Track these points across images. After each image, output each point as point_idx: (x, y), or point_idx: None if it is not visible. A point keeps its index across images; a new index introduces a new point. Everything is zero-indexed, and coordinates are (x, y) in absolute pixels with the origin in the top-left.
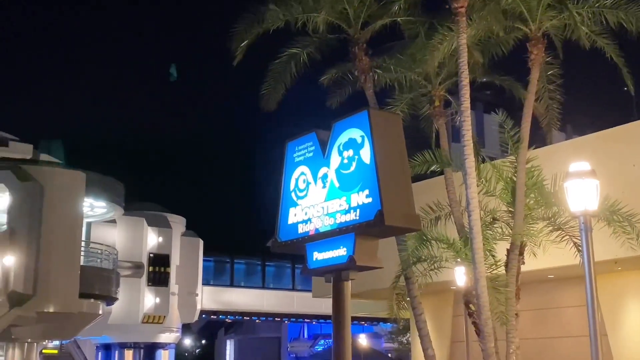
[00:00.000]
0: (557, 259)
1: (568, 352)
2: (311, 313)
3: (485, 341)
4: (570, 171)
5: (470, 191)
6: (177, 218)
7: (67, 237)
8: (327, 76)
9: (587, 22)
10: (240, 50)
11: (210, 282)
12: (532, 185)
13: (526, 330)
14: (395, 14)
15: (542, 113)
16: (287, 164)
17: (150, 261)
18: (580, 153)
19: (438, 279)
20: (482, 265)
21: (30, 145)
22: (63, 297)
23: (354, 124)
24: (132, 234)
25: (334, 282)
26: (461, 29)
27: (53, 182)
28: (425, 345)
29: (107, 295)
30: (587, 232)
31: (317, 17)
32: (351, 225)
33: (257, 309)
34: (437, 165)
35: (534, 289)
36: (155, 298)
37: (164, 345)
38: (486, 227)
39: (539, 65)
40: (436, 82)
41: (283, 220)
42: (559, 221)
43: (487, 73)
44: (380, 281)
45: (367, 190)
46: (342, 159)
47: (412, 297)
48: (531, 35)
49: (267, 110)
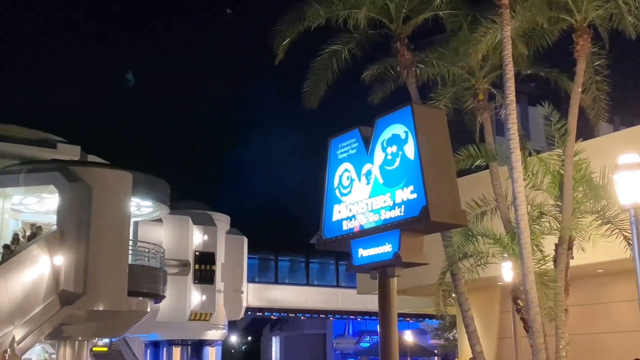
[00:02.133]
0: (606, 253)
1: (618, 348)
2: (356, 310)
3: (534, 337)
4: (620, 163)
5: (517, 185)
6: (222, 216)
7: (115, 236)
8: (368, 72)
9: (634, 11)
10: (282, 49)
11: (255, 280)
12: (580, 179)
13: (576, 326)
14: (437, 7)
15: (589, 105)
16: (330, 161)
17: (196, 259)
18: (629, 145)
19: (485, 275)
20: (530, 260)
21: (77, 147)
22: (112, 296)
23: (397, 120)
24: (178, 232)
25: (380, 279)
26: (505, 21)
27: (101, 182)
28: (473, 341)
29: (155, 293)
30: (638, 225)
31: (358, 13)
32: (396, 221)
33: (302, 305)
34: (482, 159)
35: (583, 284)
36: (201, 295)
37: (210, 342)
38: (533, 222)
39: (585, 56)
40: (480, 76)
41: (327, 217)
42: (608, 214)
43: (532, 65)
44: (426, 277)
45: (412, 186)
46: (385, 155)
47: (458, 294)
48: (576, 26)
49: (310, 107)
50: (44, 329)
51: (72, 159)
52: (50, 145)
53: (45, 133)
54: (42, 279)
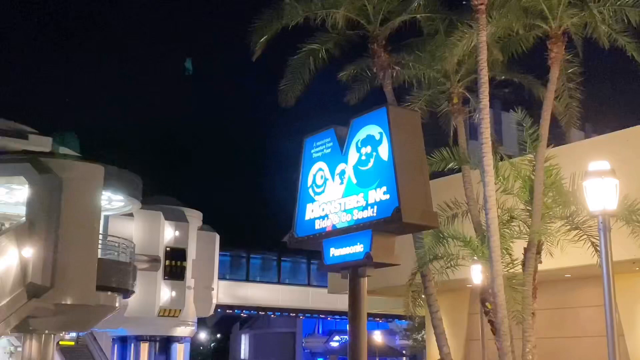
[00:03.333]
0: (574, 258)
1: (584, 353)
2: (326, 309)
3: (501, 340)
4: (590, 170)
5: (488, 189)
6: (194, 212)
7: (85, 230)
8: (345, 72)
9: (608, 20)
10: (260, 46)
11: (226, 277)
12: (550, 184)
13: (542, 330)
14: (415, 10)
15: (561, 111)
16: (304, 160)
17: (167, 255)
18: (599, 152)
19: (454, 277)
20: (499, 263)
21: (49, 138)
22: (80, 290)
23: (372, 121)
24: (149, 227)
25: (351, 279)
26: (481, 26)
27: (72, 175)
28: (441, 343)
29: (124, 288)
30: (606, 231)
31: (336, 13)
32: (368, 221)
33: (273, 304)
34: (455, 162)
35: (550, 288)
36: (171, 292)
37: (179, 339)
38: (503, 226)
39: (559, 64)
40: (455, 80)
41: (300, 216)
42: (577, 220)
43: (506, 71)
44: (397, 278)
45: (385, 187)
46: (360, 156)
47: (428, 295)
48: (551, 33)
49: (286, 105)
50: (10, 321)
51: (43, 151)
52: (21, 136)
53: (17, 124)
54: (9, 271)
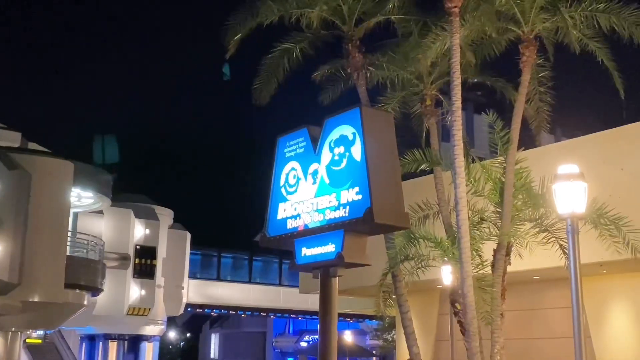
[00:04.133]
0: (543, 260)
1: (552, 353)
2: (297, 309)
3: (470, 340)
4: (559, 173)
5: (459, 191)
6: (165, 210)
7: (54, 226)
8: (319, 72)
9: (580, 25)
10: (234, 44)
11: (196, 276)
12: (520, 187)
13: (511, 331)
14: (390, 11)
15: (532, 115)
16: (277, 159)
17: (137, 253)
18: (569, 155)
19: (425, 278)
20: (469, 264)
21: (18, 134)
22: (48, 287)
23: (345, 121)
24: (119, 225)
25: (322, 278)
26: (454, 29)
27: (41, 171)
28: (411, 343)
29: (92, 286)
30: (574, 234)
31: (311, 13)
32: (340, 222)
33: (243, 303)
34: (427, 164)
35: (519, 290)
36: (140, 290)
37: (148, 338)
38: (474, 227)
39: (531, 68)
40: (428, 81)
41: (272, 215)
42: (546, 223)
43: (478, 74)
44: (368, 278)
45: (357, 187)
46: (333, 156)
47: (398, 295)
48: (523, 37)
49: (259, 104)
50: None
51: (12, 146)
52: None
53: None
54: None
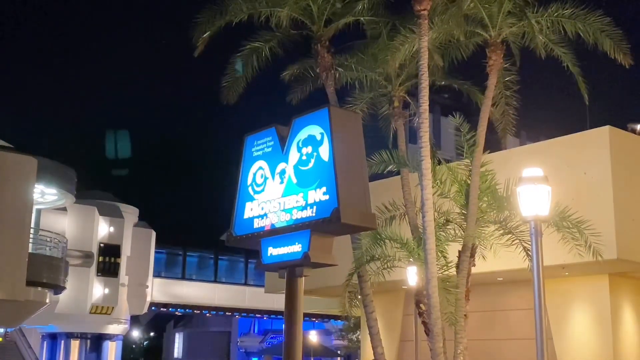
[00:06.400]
0: (506, 262)
1: (514, 355)
2: (262, 308)
3: (433, 341)
4: (523, 176)
5: (425, 192)
6: (130, 208)
7: (16, 223)
8: (288, 72)
9: (546, 30)
10: (202, 42)
11: (161, 274)
12: (485, 189)
13: (474, 332)
14: (359, 13)
15: (498, 118)
16: (245, 158)
17: (101, 251)
18: (533, 159)
19: (390, 278)
20: (434, 265)
21: None
22: (9, 284)
23: (313, 121)
24: (82, 222)
25: (288, 278)
26: (423, 31)
27: (3, 166)
28: (375, 343)
29: (54, 284)
30: (537, 237)
31: (280, 12)
32: (307, 221)
33: (208, 302)
34: (394, 165)
35: (483, 291)
36: (104, 288)
37: (111, 337)
38: (439, 229)
39: (497, 71)
40: (396, 83)
41: (239, 214)
42: (510, 225)
43: (446, 76)
44: (334, 278)
45: (325, 187)
46: (300, 155)
47: (364, 295)
48: (490, 41)
49: (227, 103)
50: None
51: None
52: None
53: None
54: None
